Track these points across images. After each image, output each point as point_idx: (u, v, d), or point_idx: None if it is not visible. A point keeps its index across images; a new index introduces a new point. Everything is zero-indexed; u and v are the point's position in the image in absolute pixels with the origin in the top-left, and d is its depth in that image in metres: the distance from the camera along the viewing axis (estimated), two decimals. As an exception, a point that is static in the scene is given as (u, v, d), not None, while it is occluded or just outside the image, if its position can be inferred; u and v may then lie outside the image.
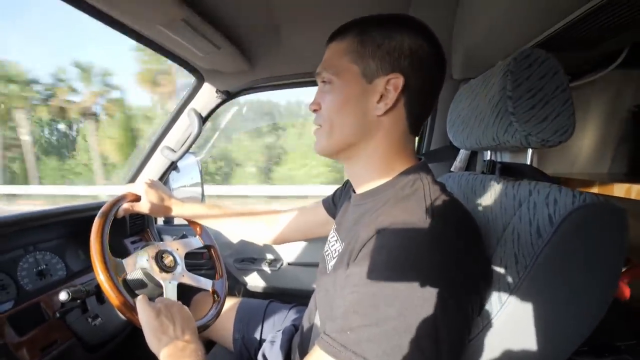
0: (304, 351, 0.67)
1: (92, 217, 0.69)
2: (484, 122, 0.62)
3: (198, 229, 0.94)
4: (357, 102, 0.50)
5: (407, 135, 0.54)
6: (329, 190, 0.84)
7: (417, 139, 1.09)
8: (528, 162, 0.65)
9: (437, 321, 0.36)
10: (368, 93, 0.50)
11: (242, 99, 1.16)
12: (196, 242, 0.93)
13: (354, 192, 0.59)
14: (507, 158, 0.85)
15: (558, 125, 0.53)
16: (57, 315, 0.75)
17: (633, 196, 0.65)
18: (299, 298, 1.22)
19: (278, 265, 1.21)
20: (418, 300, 0.36)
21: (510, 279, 0.46)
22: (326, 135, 0.53)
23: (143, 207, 0.80)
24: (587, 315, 0.45)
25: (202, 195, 1.44)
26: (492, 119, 0.59)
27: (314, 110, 0.55)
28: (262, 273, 1.24)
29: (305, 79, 1.04)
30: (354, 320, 0.38)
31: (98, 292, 0.75)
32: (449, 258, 0.39)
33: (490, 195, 0.63)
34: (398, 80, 0.48)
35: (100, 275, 0.61)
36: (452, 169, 0.97)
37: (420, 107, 0.53)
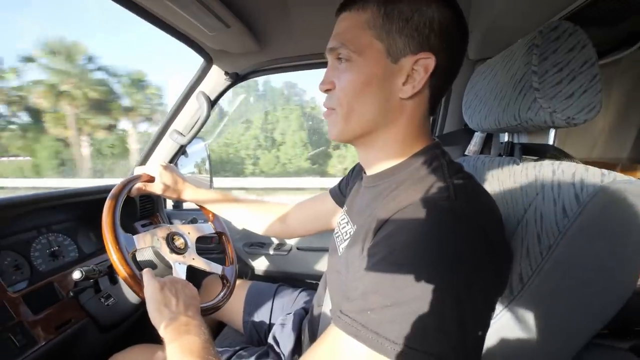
0: (313, 333, 0.67)
1: (104, 200, 0.69)
2: (505, 100, 0.60)
3: (210, 215, 0.94)
4: (381, 83, 0.45)
5: (426, 117, 0.51)
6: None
7: (430, 121, 1.07)
8: (550, 141, 0.62)
9: (461, 302, 0.35)
10: (393, 74, 0.45)
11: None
12: (208, 228, 0.93)
13: (365, 173, 0.57)
14: (524, 140, 0.82)
15: (585, 103, 0.50)
16: (71, 294, 0.76)
17: (659, 178, 0.62)
18: (308, 282, 1.23)
19: (287, 250, 1.21)
20: (441, 281, 0.35)
21: (532, 259, 0.45)
22: (343, 120, 0.48)
23: (156, 187, 0.79)
24: (612, 297, 0.44)
25: (211, 180, 1.44)
26: (515, 97, 0.56)
27: (326, 90, 0.49)
28: (271, 257, 1.24)
29: (317, 60, 1.01)
30: (375, 301, 0.37)
31: (110, 272, 0.76)
32: (473, 238, 0.38)
33: (510, 177, 0.61)
34: (429, 61, 0.44)
35: (111, 248, 0.61)
36: (466, 153, 0.95)
37: (445, 87, 0.50)
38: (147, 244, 0.70)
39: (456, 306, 0.35)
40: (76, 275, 0.69)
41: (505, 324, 0.46)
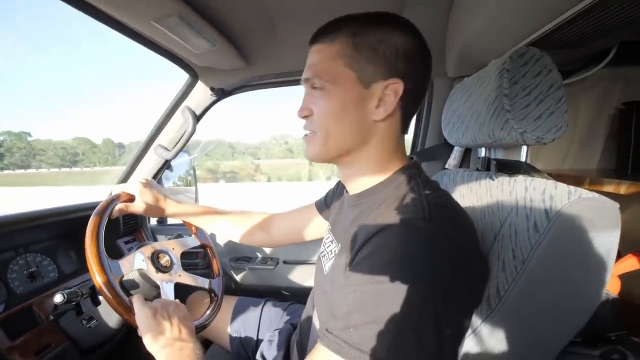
0: (302, 350, 0.68)
1: (84, 218, 0.68)
2: (480, 120, 0.63)
3: (193, 228, 0.94)
4: (355, 108, 0.48)
5: (400, 136, 0.54)
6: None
7: (412, 137, 1.11)
8: (523, 159, 0.66)
9: (438, 316, 0.37)
10: (365, 98, 0.48)
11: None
12: (192, 242, 0.92)
13: (347, 192, 0.59)
14: (500, 154, 0.86)
15: (552, 123, 0.54)
16: (51, 317, 0.74)
17: (622, 192, 0.67)
18: (295, 296, 1.22)
19: (274, 264, 1.21)
20: (419, 297, 0.37)
21: (508, 273, 0.47)
22: (321, 142, 0.51)
23: (138, 207, 0.78)
24: (582, 307, 0.47)
25: (196, 194, 1.43)
26: (488, 117, 0.59)
27: (305, 117, 0.53)
28: (258, 272, 1.23)
29: (299, 77, 1.03)
30: (357, 318, 0.39)
31: (92, 293, 0.74)
32: (448, 255, 0.40)
33: (486, 192, 0.64)
34: (398, 86, 0.47)
35: (97, 277, 0.60)
36: (446, 166, 0.99)
37: (414, 108, 0.53)
38: (133, 267, 0.69)
39: (433, 321, 0.37)
40: (57, 298, 0.67)
41: (485, 336, 0.48)
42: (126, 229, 1.11)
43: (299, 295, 1.22)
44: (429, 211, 0.43)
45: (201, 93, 1.05)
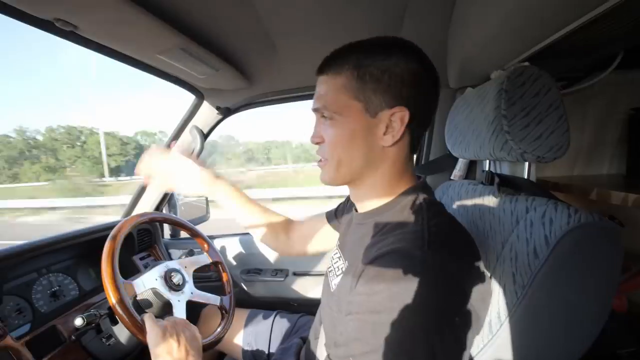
0: (311, 365, 0.69)
1: (101, 238, 0.71)
2: (481, 138, 0.63)
3: (205, 245, 0.97)
4: (363, 137, 0.50)
5: (409, 156, 0.54)
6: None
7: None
8: (525, 174, 0.66)
9: (434, 347, 0.38)
10: (373, 127, 0.49)
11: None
12: (204, 259, 0.95)
13: (356, 210, 0.60)
14: (505, 167, 0.86)
15: (552, 143, 0.53)
16: (73, 337, 0.78)
17: (630, 204, 0.65)
18: (305, 307, 1.24)
19: (284, 276, 1.23)
20: (415, 328, 0.38)
21: (508, 299, 0.47)
22: (334, 170, 0.53)
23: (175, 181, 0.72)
24: (585, 331, 0.46)
25: (207, 206, 1.46)
26: (488, 137, 0.59)
27: (317, 143, 0.54)
28: (268, 283, 1.26)
29: (303, 93, 1.05)
30: (356, 348, 0.41)
31: (111, 313, 0.78)
32: (446, 286, 0.41)
33: (489, 209, 0.64)
34: (404, 114, 0.48)
35: (112, 299, 0.64)
36: (452, 177, 0.98)
37: (423, 129, 0.54)
38: (146, 286, 0.73)
39: (429, 349, 0.38)
40: (78, 322, 0.71)
41: (488, 360, 0.49)
42: (141, 246, 1.15)
43: (309, 306, 1.23)
44: (427, 239, 0.44)
45: (207, 112, 1.08)
